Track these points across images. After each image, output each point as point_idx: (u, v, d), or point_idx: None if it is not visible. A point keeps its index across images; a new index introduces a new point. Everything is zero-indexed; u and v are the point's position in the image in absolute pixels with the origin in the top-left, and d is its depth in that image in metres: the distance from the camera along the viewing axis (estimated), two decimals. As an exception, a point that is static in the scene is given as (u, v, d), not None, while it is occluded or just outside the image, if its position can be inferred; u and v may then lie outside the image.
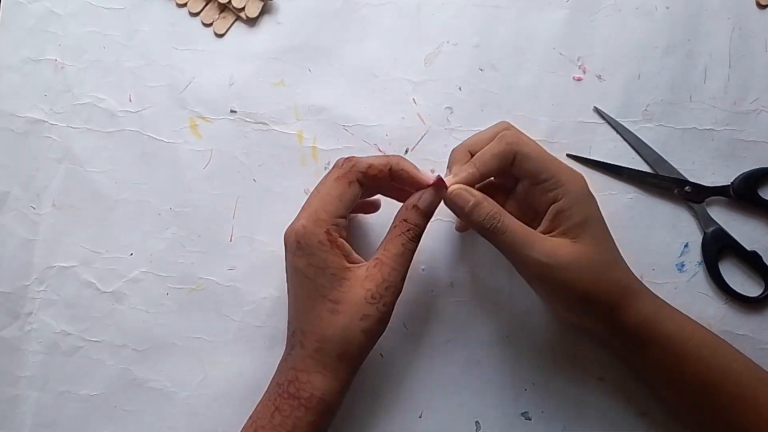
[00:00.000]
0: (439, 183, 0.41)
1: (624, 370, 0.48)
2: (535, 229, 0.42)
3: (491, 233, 0.41)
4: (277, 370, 0.42)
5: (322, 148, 0.50)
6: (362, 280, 0.40)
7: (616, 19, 0.51)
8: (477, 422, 0.48)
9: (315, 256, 0.40)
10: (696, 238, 0.49)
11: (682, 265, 0.49)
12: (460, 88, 0.51)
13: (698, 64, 0.51)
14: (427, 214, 0.42)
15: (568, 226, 0.41)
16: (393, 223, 0.42)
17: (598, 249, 0.41)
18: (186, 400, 0.48)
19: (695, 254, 0.49)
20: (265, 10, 0.52)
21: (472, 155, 0.43)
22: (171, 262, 0.49)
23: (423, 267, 0.49)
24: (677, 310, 0.44)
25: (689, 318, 0.43)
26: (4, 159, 0.50)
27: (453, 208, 0.42)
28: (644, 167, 0.50)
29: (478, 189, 0.42)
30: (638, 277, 0.44)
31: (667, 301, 0.44)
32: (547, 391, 0.48)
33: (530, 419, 0.48)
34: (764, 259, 0.48)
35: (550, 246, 0.40)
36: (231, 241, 0.50)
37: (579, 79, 0.51)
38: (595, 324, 0.43)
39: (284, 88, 0.51)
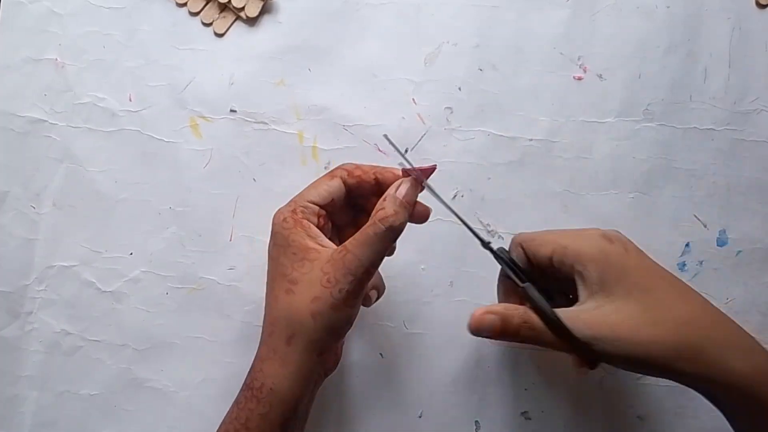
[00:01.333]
0: (411, 171, 0.40)
1: (624, 370, 0.48)
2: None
3: (527, 340, 0.37)
4: None
5: (322, 148, 0.50)
6: (324, 263, 0.38)
7: (616, 18, 0.51)
8: (477, 422, 0.47)
9: (278, 234, 0.40)
10: (698, 237, 0.49)
11: (684, 265, 0.49)
12: (459, 88, 0.51)
13: (698, 63, 0.51)
14: (403, 204, 0.39)
15: (595, 289, 0.37)
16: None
17: (645, 305, 0.36)
18: (186, 399, 0.48)
19: (697, 254, 0.49)
20: (265, 9, 0.52)
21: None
22: (171, 261, 0.49)
23: (423, 267, 0.49)
24: None
25: None
26: (4, 158, 0.50)
27: (486, 335, 0.38)
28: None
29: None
30: (723, 316, 0.38)
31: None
32: (547, 390, 0.48)
33: (530, 419, 0.48)
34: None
35: (592, 320, 0.36)
36: (231, 240, 0.50)
37: (579, 79, 0.51)
38: (690, 386, 0.37)
39: (284, 88, 0.51)
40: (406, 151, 0.50)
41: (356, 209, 0.44)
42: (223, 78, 0.51)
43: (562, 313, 0.37)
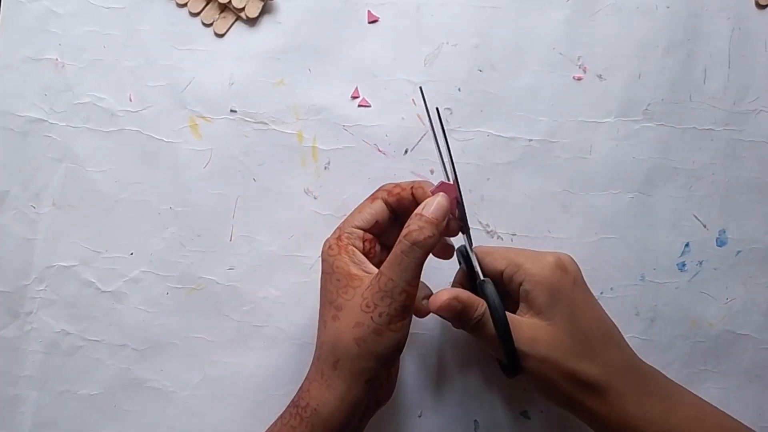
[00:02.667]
0: (442, 188, 0.40)
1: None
2: None
3: (473, 330, 0.40)
4: None
5: (322, 148, 0.50)
6: (364, 289, 0.38)
7: (616, 18, 0.51)
8: (476, 421, 0.47)
9: (325, 261, 0.41)
10: (698, 237, 0.49)
11: (684, 265, 0.49)
12: (459, 89, 0.51)
13: (698, 63, 0.51)
14: (430, 220, 0.39)
15: (537, 308, 0.40)
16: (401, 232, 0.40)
17: (576, 336, 0.40)
18: (185, 399, 0.48)
19: (696, 254, 0.49)
20: (266, 10, 0.52)
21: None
22: (171, 261, 0.49)
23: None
24: (693, 401, 0.41)
25: (706, 409, 0.41)
26: (4, 158, 0.50)
27: (443, 316, 0.41)
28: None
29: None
30: (639, 360, 0.41)
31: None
32: (546, 391, 0.48)
33: (529, 418, 0.48)
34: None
35: (530, 333, 0.39)
36: (231, 240, 0.50)
37: (579, 79, 0.51)
38: (588, 423, 0.41)
39: (284, 88, 0.51)
40: (406, 151, 0.50)
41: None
42: (223, 78, 0.51)
43: (509, 317, 0.40)
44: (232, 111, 0.51)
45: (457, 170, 0.41)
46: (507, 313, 0.40)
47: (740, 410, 0.47)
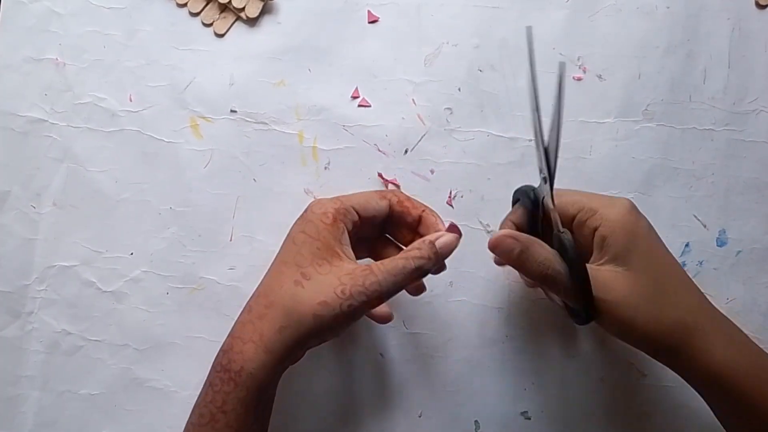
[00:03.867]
0: (452, 228, 0.41)
1: (624, 370, 0.48)
2: None
3: (545, 280, 0.38)
4: None
5: (322, 148, 0.50)
6: (344, 273, 0.38)
7: (616, 18, 0.51)
8: (476, 422, 0.48)
9: (312, 223, 0.39)
10: (697, 237, 0.49)
11: (683, 265, 0.49)
12: (459, 89, 0.51)
13: (698, 64, 0.51)
14: (438, 254, 0.39)
15: (614, 254, 0.38)
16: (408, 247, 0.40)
17: (654, 282, 0.38)
18: (187, 399, 0.48)
19: (696, 254, 0.49)
20: (266, 10, 0.52)
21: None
22: (171, 261, 0.49)
23: (423, 267, 0.49)
24: (761, 350, 0.40)
25: None
26: (5, 158, 0.50)
27: (501, 257, 0.39)
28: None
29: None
30: (717, 311, 0.40)
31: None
32: (546, 390, 0.48)
33: (530, 419, 0.48)
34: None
35: (602, 281, 0.38)
36: (231, 241, 0.50)
37: (579, 79, 0.51)
38: (671, 366, 0.40)
39: (284, 88, 0.51)
40: (406, 151, 0.50)
41: (382, 231, 0.45)
42: (224, 78, 0.51)
43: (598, 273, 0.38)
44: (232, 111, 0.51)
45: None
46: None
47: (740, 410, 0.47)
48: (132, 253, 0.50)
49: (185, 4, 0.52)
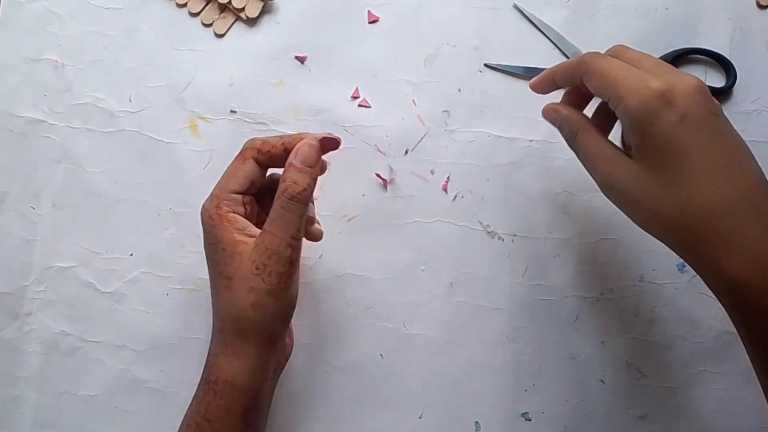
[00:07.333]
0: (306, 139, 0.40)
1: (625, 371, 0.48)
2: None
3: (571, 146, 0.41)
4: None
5: (321, 149, 0.50)
6: (250, 252, 0.38)
7: (616, 19, 0.51)
8: (477, 423, 0.47)
9: (208, 232, 0.40)
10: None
11: (683, 266, 0.49)
12: (459, 90, 0.51)
13: (698, 64, 0.50)
14: (303, 170, 0.39)
15: (633, 145, 0.36)
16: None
17: (662, 178, 0.34)
18: (186, 400, 0.48)
19: (695, 255, 0.49)
20: (265, 10, 0.52)
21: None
22: (170, 262, 0.49)
23: (422, 267, 0.49)
24: None
25: None
26: (3, 159, 0.50)
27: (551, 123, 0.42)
28: None
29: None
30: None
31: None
32: (547, 391, 0.48)
33: (530, 420, 0.48)
34: None
35: (612, 167, 0.37)
36: (231, 241, 0.49)
37: (579, 80, 0.51)
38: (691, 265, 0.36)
39: (284, 88, 0.51)
40: (406, 152, 0.50)
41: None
42: (223, 78, 0.51)
43: (600, 143, 0.38)
44: (231, 111, 0.51)
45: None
46: (599, 139, 0.38)
47: (740, 411, 0.47)
48: (131, 254, 0.49)
49: (185, 4, 0.52)
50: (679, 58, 0.50)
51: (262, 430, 0.41)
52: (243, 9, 0.51)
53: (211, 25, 0.52)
